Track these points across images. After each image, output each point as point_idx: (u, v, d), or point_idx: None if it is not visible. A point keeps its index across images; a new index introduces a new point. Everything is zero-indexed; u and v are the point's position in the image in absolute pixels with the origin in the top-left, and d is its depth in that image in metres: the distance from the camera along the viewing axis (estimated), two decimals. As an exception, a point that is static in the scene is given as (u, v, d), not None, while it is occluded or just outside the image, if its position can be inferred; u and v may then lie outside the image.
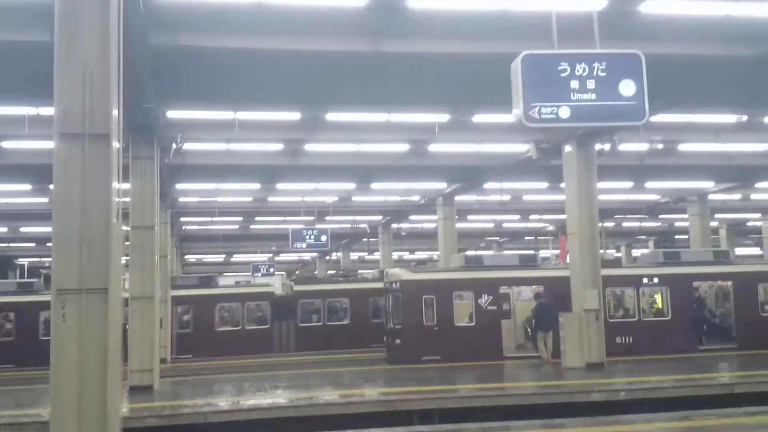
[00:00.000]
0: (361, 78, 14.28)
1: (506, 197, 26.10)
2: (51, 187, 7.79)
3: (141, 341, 14.89)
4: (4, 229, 30.83)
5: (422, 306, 19.01)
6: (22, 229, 30.95)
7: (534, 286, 20.13)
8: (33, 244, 35.71)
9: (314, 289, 26.78)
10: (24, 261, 44.18)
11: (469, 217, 32.61)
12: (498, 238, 43.80)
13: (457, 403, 12.24)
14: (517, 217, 34.14)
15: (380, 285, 23.81)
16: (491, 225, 37.12)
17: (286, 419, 11.47)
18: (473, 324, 19.07)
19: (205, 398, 13.11)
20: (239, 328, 25.40)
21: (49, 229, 8.26)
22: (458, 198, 26.63)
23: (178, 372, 19.36)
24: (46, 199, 23.24)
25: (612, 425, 9.96)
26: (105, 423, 6.95)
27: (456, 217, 27.22)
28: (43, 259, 43.06)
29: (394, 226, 34.52)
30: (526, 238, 40.74)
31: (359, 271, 42.30)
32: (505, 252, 41.87)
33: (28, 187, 22.31)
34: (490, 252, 42.16)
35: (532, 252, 25.75)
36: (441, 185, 25.31)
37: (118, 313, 7.34)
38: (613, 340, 17.93)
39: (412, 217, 32.91)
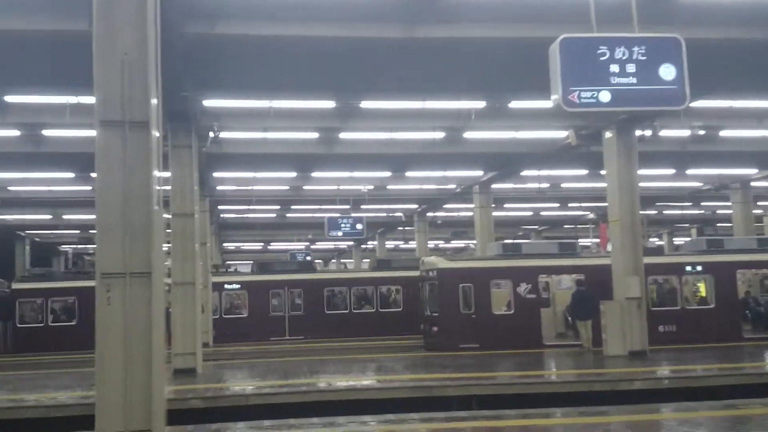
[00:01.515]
0: (395, 65, 14.22)
1: (544, 185, 25.77)
2: (93, 175, 7.91)
3: (183, 326, 15.17)
4: (48, 217, 31.55)
5: (459, 294, 18.99)
6: (65, 216, 31.65)
7: (574, 275, 19.91)
8: (77, 231, 36.47)
9: (35, 288, 25.07)
10: (68, 248, 45.22)
11: (506, 205, 32.32)
12: (536, 227, 43.37)
13: (496, 390, 12.17)
14: (556, 205, 33.73)
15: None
16: (529, 213, 36.74)
17: (324, 402, 11.56)
18: (512, 312, 19.01)
19: (246, 381, 13.30)
20: None
21: (91, 216, 8.41)
22: (495, 186, 26.36)
23: (220, 356, 19.65)
24: (88, 187, 23.74)
25: (655, 413, 9.82)
26: (150, 404, 7.08)
27: (493, 205, 26.98)
28: (87, 246, 44.04)
29: (430, 214, 34.38)
30: (566, 226, 40.25)
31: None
32: (544, 240, 41.44)
33: (71, 175, 22.79)
34: (529, 240, 41.74)
35: (571, 240, 25.37)
36: (477, 173, 25.10)
37: (161, 296, 7.45)
38: (656, 328, 17.64)
39: (448, 206, 32.78)
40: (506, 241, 25.60)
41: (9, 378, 15.82)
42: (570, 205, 33.02)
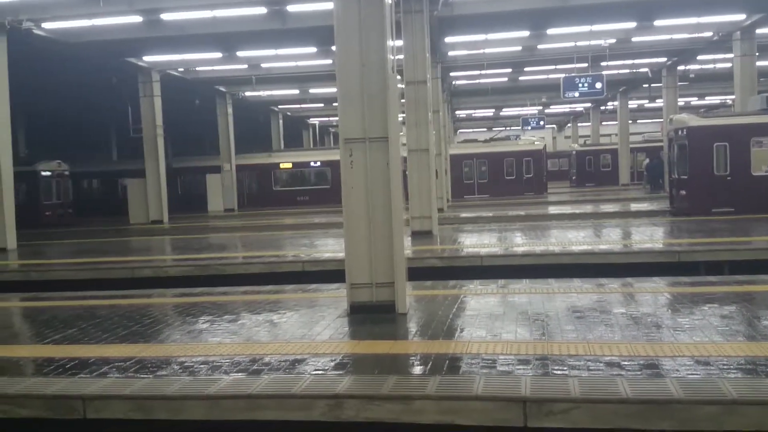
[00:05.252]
0: None
1: (824, 25, 21.91)
2: (333, 48, 8.17)
3: (419, 191, 15.80)
4: (296, 91, 33.88)
5: (713, 154, 17.55)
6: (311, 90, 33.74)
7: None
8: (321, 105, 38.87)
9: None
10: (315, 120, 48.71)
11: (774, 52, 28.15)
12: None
13: (752, 255, 11.16)
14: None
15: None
16: (802, 61, 31.75)
17: (557, 266, 11.49)
18: (775, 173, 17.17)
19: (480, 243, 13.63)
20: None
21: (332, 89, 8.74)
22: (760, 31, 23.00)
23: (454, 221, 20.33)
24: (329, 60, 24.90)
25: None
26: (392, 259, 7.56)
27: (757, 54, 23.65)
28: (330, 119, 47.03)
29: (681, 68, 31.16)
30: None
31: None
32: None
33: (313, 49, 24.01)
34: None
35: None
36: (739, 17, 21.99)
37: (398, 160, 7.71)
38: None
39: (702, 57, 29.37)
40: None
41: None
42: None
